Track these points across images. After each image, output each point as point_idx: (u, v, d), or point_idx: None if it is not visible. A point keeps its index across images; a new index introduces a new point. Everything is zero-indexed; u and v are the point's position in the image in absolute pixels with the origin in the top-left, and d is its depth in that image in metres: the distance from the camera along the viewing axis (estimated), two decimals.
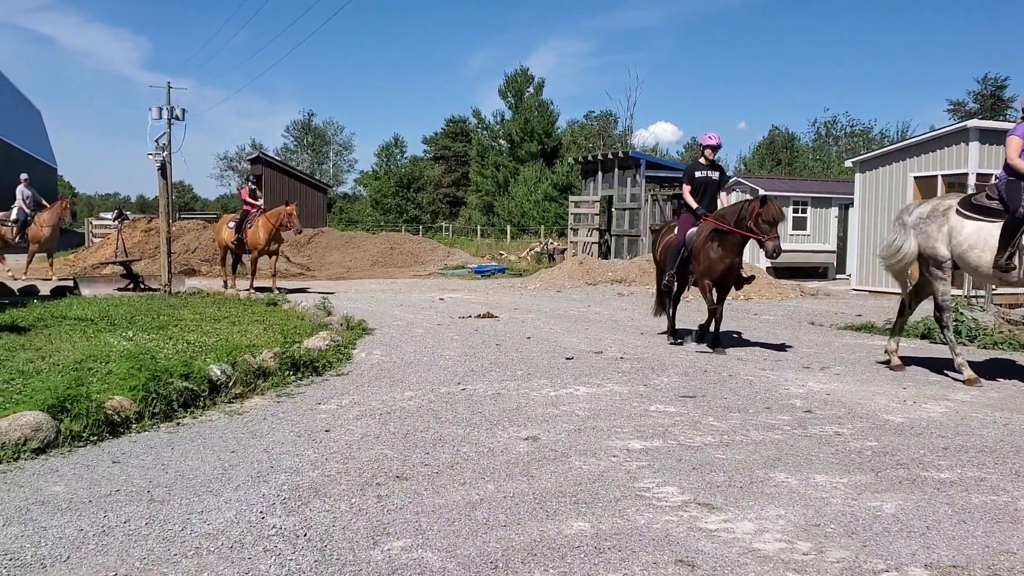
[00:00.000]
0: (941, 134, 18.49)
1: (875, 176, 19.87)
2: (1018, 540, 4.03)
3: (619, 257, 29.22)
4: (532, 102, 64.47)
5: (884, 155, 20.02)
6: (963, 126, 18.08)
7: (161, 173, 15.75)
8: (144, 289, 16.65)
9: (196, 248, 28.04)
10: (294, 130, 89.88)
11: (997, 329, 11.43)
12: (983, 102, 57.18)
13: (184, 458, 5.26)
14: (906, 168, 18.94)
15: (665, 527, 4.14)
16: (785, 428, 6.22)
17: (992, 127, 18.53)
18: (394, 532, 4.04)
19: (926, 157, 18.54)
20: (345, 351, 9.40)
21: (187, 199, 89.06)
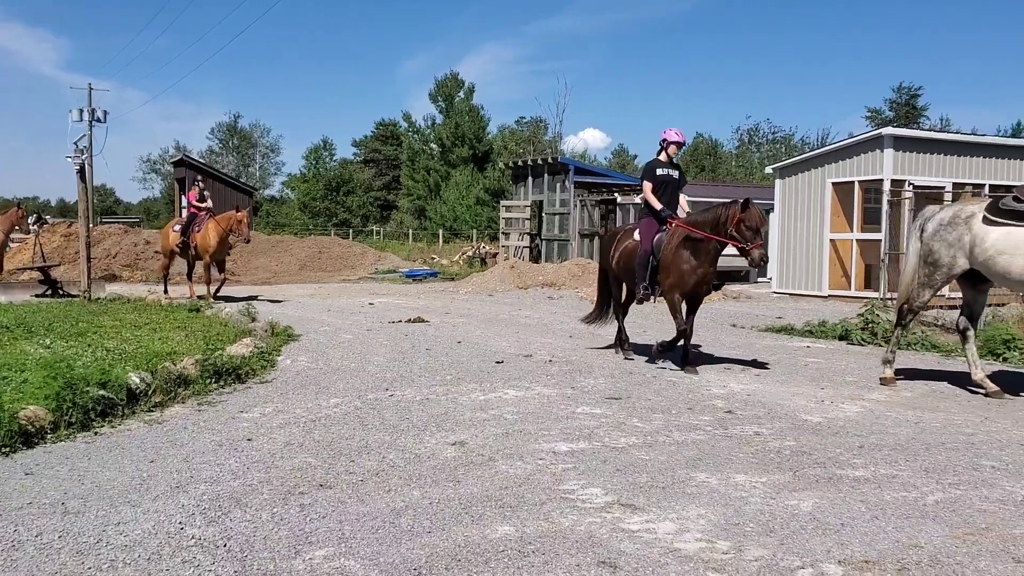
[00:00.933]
0: (857, 141, 19.08)
1: (794, 182, 20.39)
2: (926, 535, 4.17)
3: (550, 261, 29.39)
4: (463, 107, 64.49)
5: (803, 161, 20.56)
6: (878, 133, 18.68)
7: (80, 176, 15.33)
8: (63, 295, 16.22)
9: (117, 253, 27.32)
10: (219, 132, 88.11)
11: (911, 331, 11.82)
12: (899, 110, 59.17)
13: (101, 468, 5.12)
14: (824, 174, 19.48)
15: (589, 529, 4.18)
16: (707, 428, 6.34)
17: (906, 134, 19.24)
18: (316, 541, 3.99)
19: (843, 163, 19.11)
20: (269, 358, 9.26)
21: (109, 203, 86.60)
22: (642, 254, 9.38)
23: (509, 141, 63.39)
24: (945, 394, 7.96)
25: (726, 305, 17.90)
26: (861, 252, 18.79)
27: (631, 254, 9.71)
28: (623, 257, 9.93)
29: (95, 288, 15.40)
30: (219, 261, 16.92)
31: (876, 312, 12.05)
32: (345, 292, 21.13)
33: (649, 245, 9.32)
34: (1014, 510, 4.56)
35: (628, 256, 9.82)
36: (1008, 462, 5.53)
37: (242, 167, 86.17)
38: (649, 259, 9.32)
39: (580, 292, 19.72)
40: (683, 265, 9.00)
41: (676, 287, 9.12)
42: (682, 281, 9.05)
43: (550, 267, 24.12)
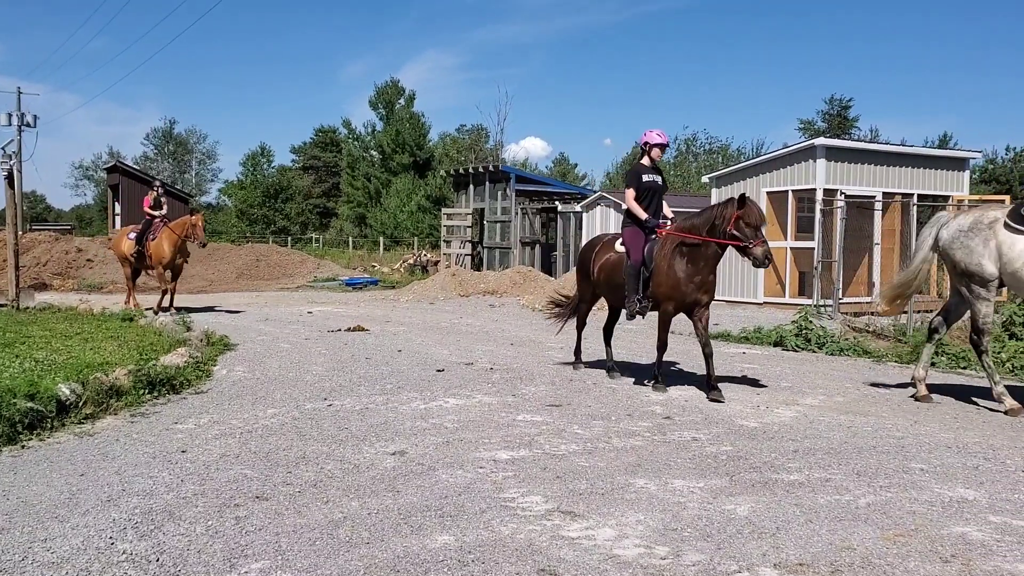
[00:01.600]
0: (791, 151, 19.50)
1: (730, 191, 20.64)
2: (859, 537, 4.27)
3: (491, 269, 29.44)
4: (404, 114, 64.29)
5: (738, 171, 20.93)
6: (811, 144, 19.12)
7: (8, 182, 14.93)
8: None
9: (48, 261, 26.60)
10: (154, 138, 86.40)
11: (843, 336, 12.13)
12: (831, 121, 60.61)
13: (28, 483, 4.96)
14: (759, 183, 19.84)
15: (529, 537, 4.19)
16: (645, 435, 6.41)
17: (838, 145, 19.72)
18: (252, 554, 3.92)
19: (777, 173, 19.50)
20: (205, 368, 9.08)
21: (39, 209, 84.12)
22: (632, 265, 8.60)
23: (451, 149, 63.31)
24: (876, 398, 8.17)
25: None
26: (795, 260, 19.19)
27: (614, 268, 8.97)
28: (604, 271, 9.15)
29: (24, 297, 14.97)
30: (173, 269, 15.96)
31: (809, 319, 12.32)
32: (283, 301, 20.86)
33: (640, 255, 8.56)
34: (942, 511, 4.69)
35: (611, 270, 9.05)
36: (936, 465, 5.69)
37: (178, 174, 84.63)
38: (640, 270, 8.56)
39: (521, 300, 19.79)
40: (679, 274, 8.26)
41: (671, 298, 8.37)
42: (679, 291, 8.29)
43: (491, 275, 24.16)
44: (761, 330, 12.84)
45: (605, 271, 9.15)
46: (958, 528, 4.41)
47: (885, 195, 18.95)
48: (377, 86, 67.44)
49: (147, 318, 12.87)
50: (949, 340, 10.69)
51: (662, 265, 8.40)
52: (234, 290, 25.46)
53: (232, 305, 18.64)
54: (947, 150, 27.30)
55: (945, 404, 7.91)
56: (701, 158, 58.78)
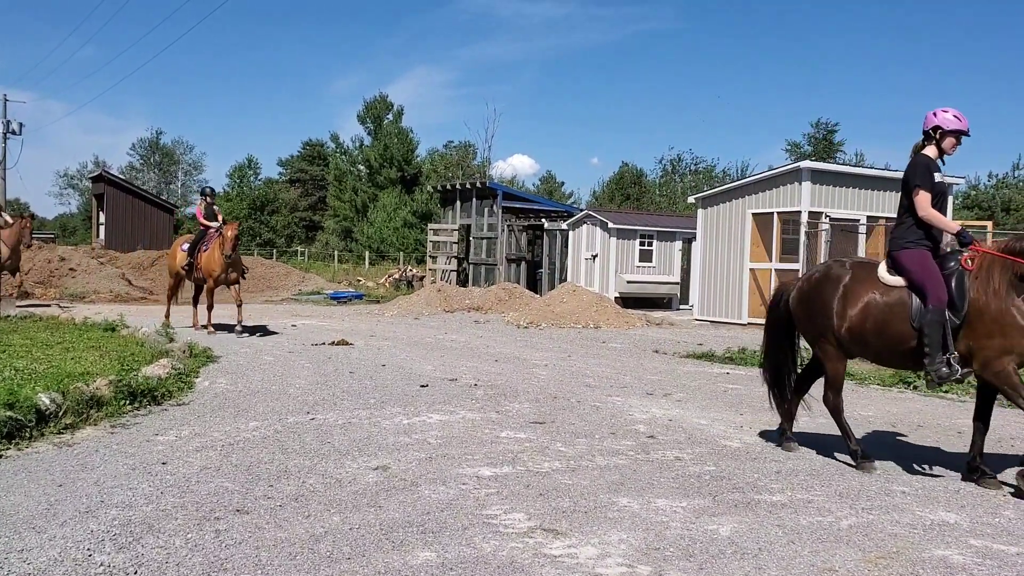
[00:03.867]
0: (776, 173, 19.65)
1: (716, 212, 20.86)
2: (840, 558, 4.27)
3: (477, 285, 29.45)
4: (392, 129, 64.32)
5: (724, 192, 21.07)
6: (796, 167, 19.28)
7: None
8: None
9: (30, 270, 26.34)
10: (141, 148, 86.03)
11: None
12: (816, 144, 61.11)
13: (5, 493, 4.90)
14: (745, 205, 19.98)
15: (511, 554, 4.17)
16: (629, 453, 6.40)
17: (823, 168, 19.90)
18: (232, 568, 3.89)
19: (763, 195, 19.63)
20: (187, 379, 9.03)
21: None
22: (936, 310, 5.84)
23: (438, 164, 63.39)
24: (859, 421, 8.19)
25: (649, 331, 18.15)
26: (779, 281, 19.26)
27: (888, 313, 6.12)
28: (870, 319, 6.19)
29: (5, 305, 14.88)
30: (229, 283, 14.64)
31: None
32: (268, 313, 20.77)
33: (943, 293, 5.87)
34: (923, 534, 4.70)
35: (883, 316, 6.15)
36: (918, 487, 5.71)
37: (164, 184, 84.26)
38: (945, 315, 5.86)
39: (506, 316, 19.79)
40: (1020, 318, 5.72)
41: (1011, 351, 5.75)
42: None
43: (477, 291, 24.16)
44: (745, 351, 12.88)
45: (873, 319, 6.19)
46: (939, 551, 4.42)
47: (870, 219, 19.11)
48: (366, 101, 67.45)
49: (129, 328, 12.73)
50: None
51: (992, 304, 5.79)
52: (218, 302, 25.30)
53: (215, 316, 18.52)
54: None
55: (927, 428, 7.95)
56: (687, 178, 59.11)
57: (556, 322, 18.54)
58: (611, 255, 26.50)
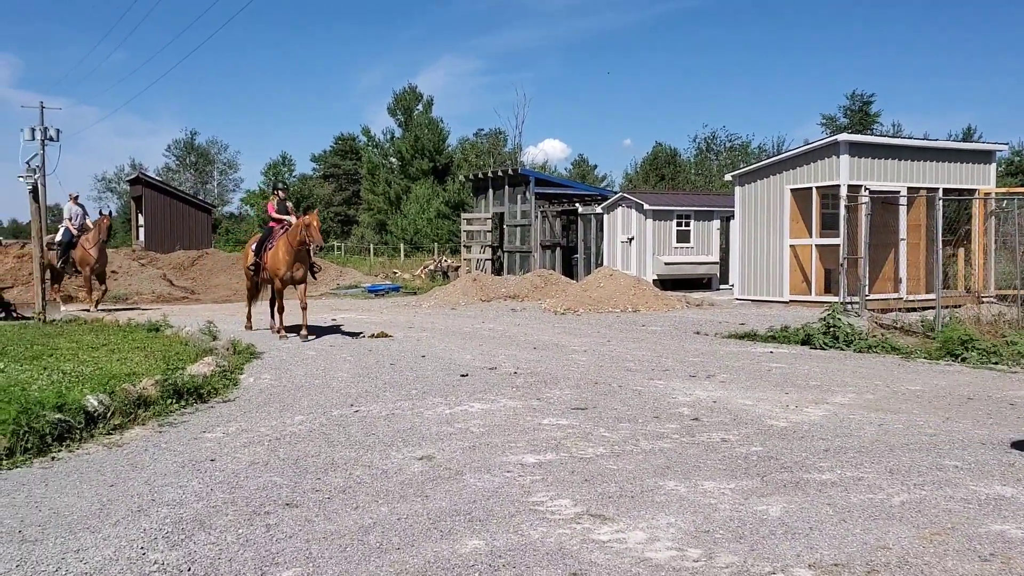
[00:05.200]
0: (814, 148, 19.36)
1: (753, 189, 20.62)
2: (893, 536, 4.20)
3: (512, 273, 29.44)
4: (422, 120, 64.46)
5: (762, 168, 20.81)
6: (834, 140, 18.97)
7: (33, 196, 15.08)
8: (17, 318, 15.85)
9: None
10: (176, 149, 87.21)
11: (871, 333, 12.00)
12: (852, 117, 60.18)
13: (59, 494, 4.99)
14: (783, 181, 19.72)
15: (559, 540, 4.16)
16: (674, 436, 6.35)
17: (861, 140, 19.57)
18: (283, 562, 3.92)
19: (801, 170, 19.36)
20: (232, 376, 9.13)
21: None
22: None
23: (469, 153, 63.43)
24: (907, 396, 8.06)
25: (689, 313, 18.02)
26: (820, 257, 19.04)
27: None
28: None
29: (50, 310, 15.11)
30: (296, 281, 13.58)
31: (836, 316, 12.19)
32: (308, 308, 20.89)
33: None
34: (978, 509, 4.61)
35: None
36: (971, 462, 5.60)
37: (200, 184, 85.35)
38: None
39: (542, 303, 19.76)
40: None
41: None
42: None
43: (512, 279, 24.14)
44: (788, 329, 12.74)
45: None
46: (996, 526, 4.33)
47: (910, 190, 18.77)
48: (395, 92, 67.72)
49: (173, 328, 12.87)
50: (979, 335, 10.56)
51: None
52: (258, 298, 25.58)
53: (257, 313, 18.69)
54: (972, 143, 26.99)
55: (977, 400, 7.80)
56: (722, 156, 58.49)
57: (594, 307, 18.47)
58: (648, 237, 26.33)
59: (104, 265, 19.54)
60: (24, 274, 25.12)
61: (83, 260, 19.05)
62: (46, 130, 42.78)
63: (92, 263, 18.97)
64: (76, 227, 19.37)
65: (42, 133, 42.35)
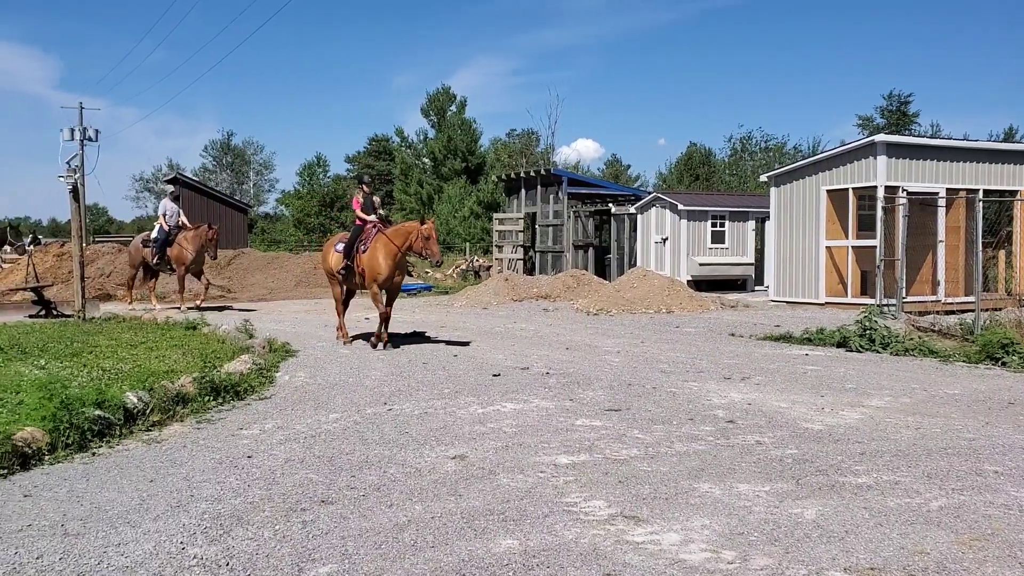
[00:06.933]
0: (850, 148, 19.14)
1: (789, 190, 20.44)
2: (931, 540, 4.16)
3: (544, 273, 29.42)
4: (455, 120, 64.63)
5: (797, 169, 20.62)
6: (871, 141, 18.75)
7: (73, 196, 15.31)
8: (57, 315, 16.11)
9: (111, 272, 27.18)
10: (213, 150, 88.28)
11: (908, 336, 11.84)
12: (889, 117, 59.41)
13: (100, 489, 5.08)
14: (819, 182, 19.53)
15: (593, 541, 4.16)
16: (708, 439, 6.33)
17: (899, 141, 19.30)
18: (320, 558, 3.96)
19: (837, 171, 19.16)
20: (268, 374, 9.23)
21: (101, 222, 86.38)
22: None
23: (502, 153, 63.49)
24: (944, 399, 7.95)
25: (724, 314, 17.90)
26: (856, 259, 18.82)
27: None
28: None
29: (89, 308, 15.32)
30: (390, 290, 12.58)
31: (873, 318, 12.06)
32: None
33: None
34: (1019, 515, 4.54)
35: None
36: (1011, 467, 5.52)
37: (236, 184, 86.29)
38: None
39: (575, 304, 19.72)
40: None
41: None
42: None
43: (544, 279, 24.11)
44: (824, 331, 12.61)
45: None
46: None
47: (949, 191, 18.49)
48: (428, 93, 67.93)
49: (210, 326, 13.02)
50: (1020, 338, 10.39)
51: None
52: (293, 298, 25.82)
53: (291, 312, 18.89)
54: (1014, 143, 26.53)
55: (1018, 405, 7.68)
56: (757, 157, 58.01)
57: (627, 308, 18.42)
58: (682, 238, 26.19)
59: (201, 264, 19.26)
60: (64, 272, 25.49)
61: (179, 258, 18.83)
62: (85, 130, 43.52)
63: (188, 262, 18.79)
64: (172, 224, 19.02)
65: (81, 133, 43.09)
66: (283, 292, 27.71)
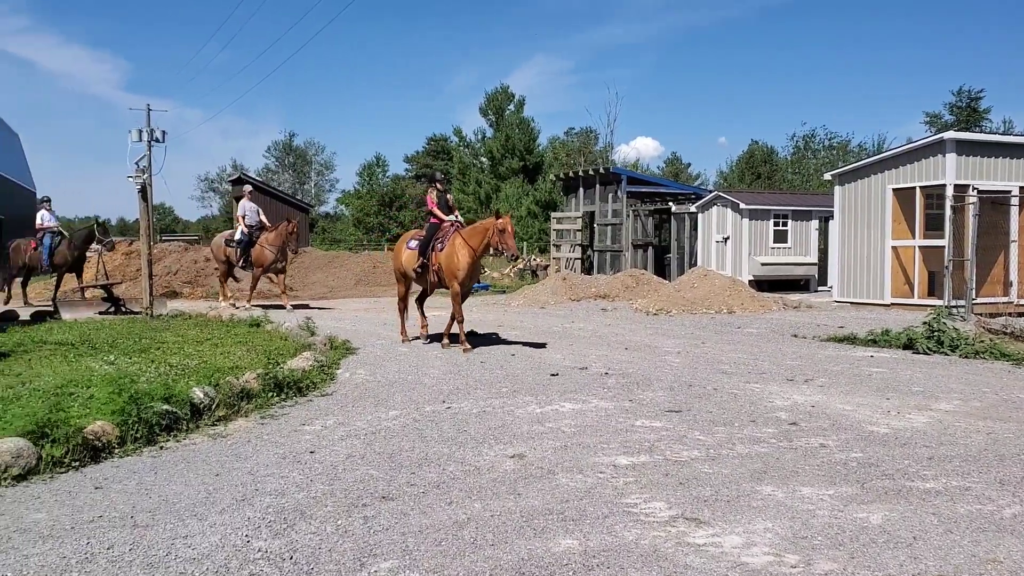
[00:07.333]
0: (918, 146, 18.70)
1: (854, 188, 20.04)
2: (1004, 549, 4.04)
3: (602, 272, 29.30)
4: (513, 119, 64.67)
5: (863, 167, 20.21)
6: (939, 138, 18.28)
7: (141, 195, 15.69)
8: (125, 312, 16.51)
9: (178, 270, 27.87)
10: (275, 151, 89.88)
11: (978, 338, 11.51)
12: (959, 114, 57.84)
13: (167, 482, 5.20)
14: (884, 180, 19.11)
15: (653, 543, 4.13)
16: (771, 441, 6.23)
17: (969, 138, 18.77)
18: (381, 554, 4.00)
19: (904, 169, 18.73)
20: (329, 371, 9.36)
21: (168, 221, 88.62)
22: None
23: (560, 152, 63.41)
24: (1017, 403, 7.72)
25: (787, 315, 17.63)
26: (924, 259, 18.38)
27: None
28: None
29: (157, 305, 15.68)
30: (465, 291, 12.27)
31: (942, 320, 11.75)
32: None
33: None
34: None
35: None
36: None
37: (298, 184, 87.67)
38: None
39: (634, 303, 19.60)
40: None
41: None
42: None
43: (603, 279, 24.00)
44: (889, 332, 12.33)
45: None
46: None
47: (1022, 190, 17.93)
48: (487, 93, 68.09)
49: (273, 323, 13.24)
50: None
51: None
52: (353, 296, 26.16)
53: (352, 310, 19.11)
54: None
55: None
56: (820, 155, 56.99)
57: (687, 308, 18.24)
58: (743, 237, 25.86)
59: (284, 262, 19.18)
60: (132, 270, 26.20)
61: (260, 259, 18.80)
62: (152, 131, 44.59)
63: (268, 263, 18.77)
64: (252, 224, 19.06)
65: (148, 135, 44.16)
66: (343, 290, 28.10)
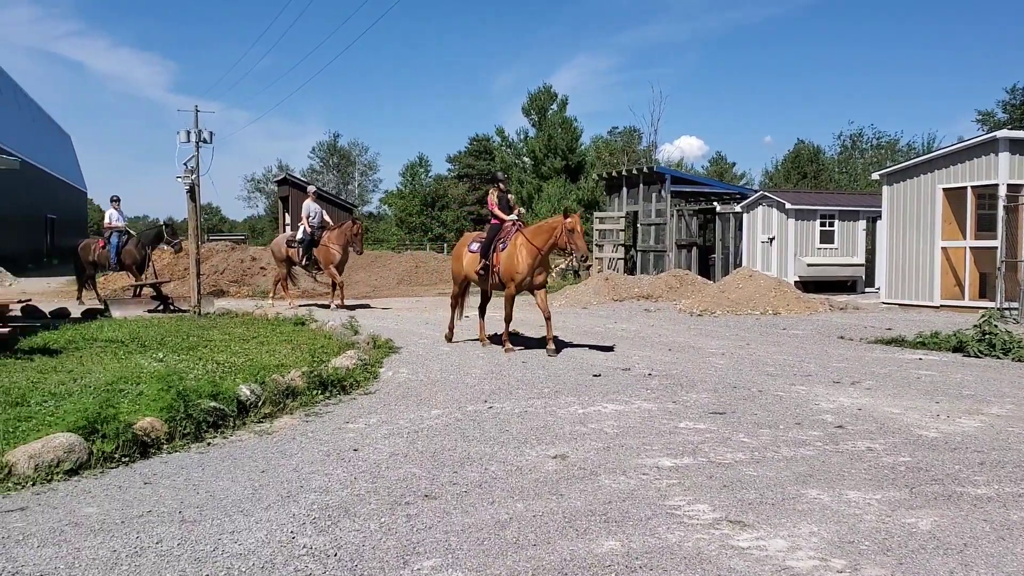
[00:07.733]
0: (970, 145, 18.30)
1: (903, 188, 19.69)
2: None
3: (645, 273, 29.14)
4: (556, 119, 64.52)
5: (912, 167, 19.84)
6: (992, 137, 17.88)
7: (190, 195, 15.96)
8: (174, 310, 16.78)
9: (225, 269, 28.29)
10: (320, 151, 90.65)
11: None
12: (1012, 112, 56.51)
13: (215, 478, 5.29)
14: (934, 180, 18.75)
15: (697, 545, 4.10)
16: (816, 444, 6.15)
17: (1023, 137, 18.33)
18: (424, 552, 4.03)
19: (955, 168, 18.35)
20: (372, 370, 9.43)
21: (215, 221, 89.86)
22: None
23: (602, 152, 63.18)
24: None
25: (833, 316, 17.38)
26: (975, 260, 17.99)
27: None
28: None
29: (204, 303, 15.91)
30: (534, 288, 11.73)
31: (994, 322, 11.50)
32: (441, 306, 21.31)
33: None
34: None
35: None
36: None
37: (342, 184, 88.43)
38: None
39: (677, 304, 19.46)
40: None
41: None
42: None
43: (646, 279, 23.88)
44: (939, 335, 12.09)
45: None
46: None
47: None
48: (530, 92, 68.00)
49: (317, 322, 13.37)
50: None
51: None
52: (395, 296, 26.33)
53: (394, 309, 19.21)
54: None
55: None
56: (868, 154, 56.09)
57: (731, 309, 18.07)
58: (789, 237, 25.54)
59: (344, 262, 19.21)
60: (180, 269, 26.62)
61: (328, 258, 18.78)
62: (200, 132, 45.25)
63: (336, 261, 18.76)
64: (315, 224, 19.04)
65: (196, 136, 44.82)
66: (386, 290, 28.29)
